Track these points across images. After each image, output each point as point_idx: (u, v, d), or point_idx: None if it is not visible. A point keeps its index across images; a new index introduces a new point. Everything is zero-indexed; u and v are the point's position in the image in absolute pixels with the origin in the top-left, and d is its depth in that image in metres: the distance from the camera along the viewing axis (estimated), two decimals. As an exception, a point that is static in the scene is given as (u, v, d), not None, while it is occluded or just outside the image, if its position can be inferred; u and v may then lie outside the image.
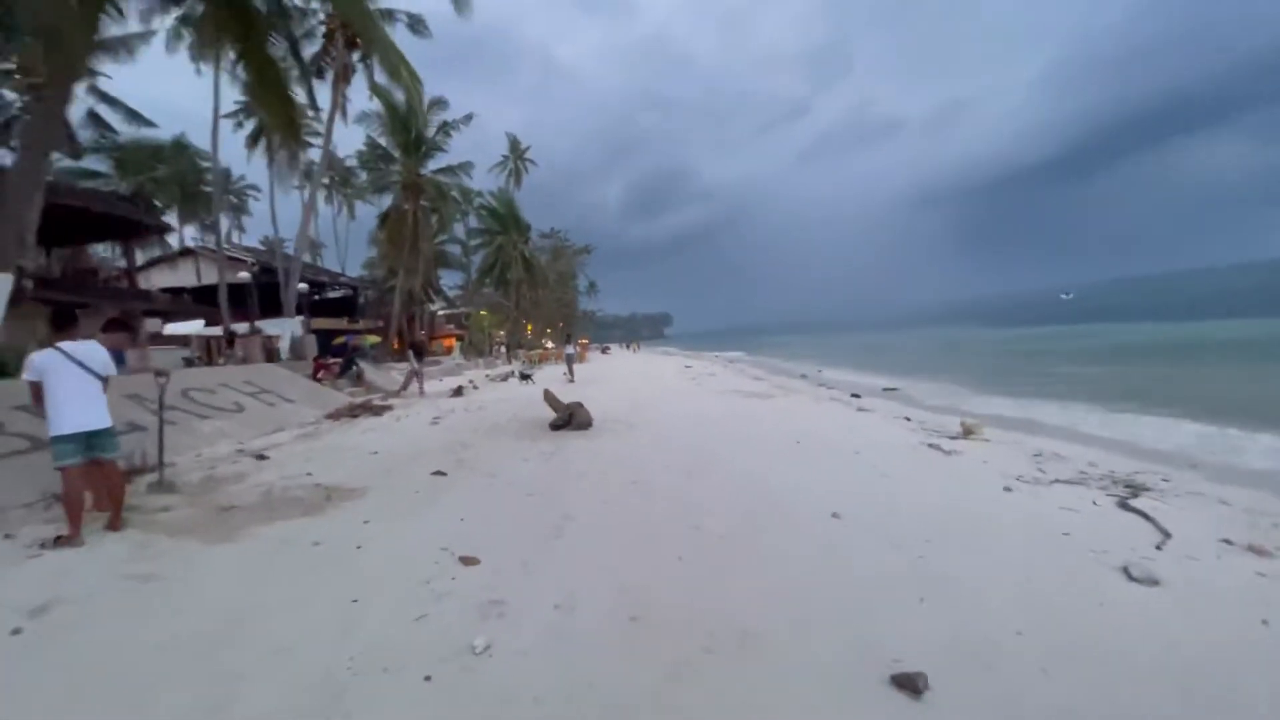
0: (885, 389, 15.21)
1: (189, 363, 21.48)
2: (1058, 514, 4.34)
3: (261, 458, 6.60)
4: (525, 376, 17.92)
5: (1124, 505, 4.48)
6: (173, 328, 25.99)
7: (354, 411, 10.45)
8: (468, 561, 3.52)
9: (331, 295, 39.55)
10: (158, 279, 30.96)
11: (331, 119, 17.27)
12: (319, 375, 12.70)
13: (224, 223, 56.78)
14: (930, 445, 6.99)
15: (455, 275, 47.02)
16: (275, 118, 8.41)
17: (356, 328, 33.98)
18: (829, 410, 10.57)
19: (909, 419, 9.37)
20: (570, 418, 8.60)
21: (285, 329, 15.90)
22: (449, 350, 38.86)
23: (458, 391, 14.68)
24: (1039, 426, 9.05)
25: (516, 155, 50.10)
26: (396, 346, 37.04)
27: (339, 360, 14.93)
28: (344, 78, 16.04)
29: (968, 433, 7.96)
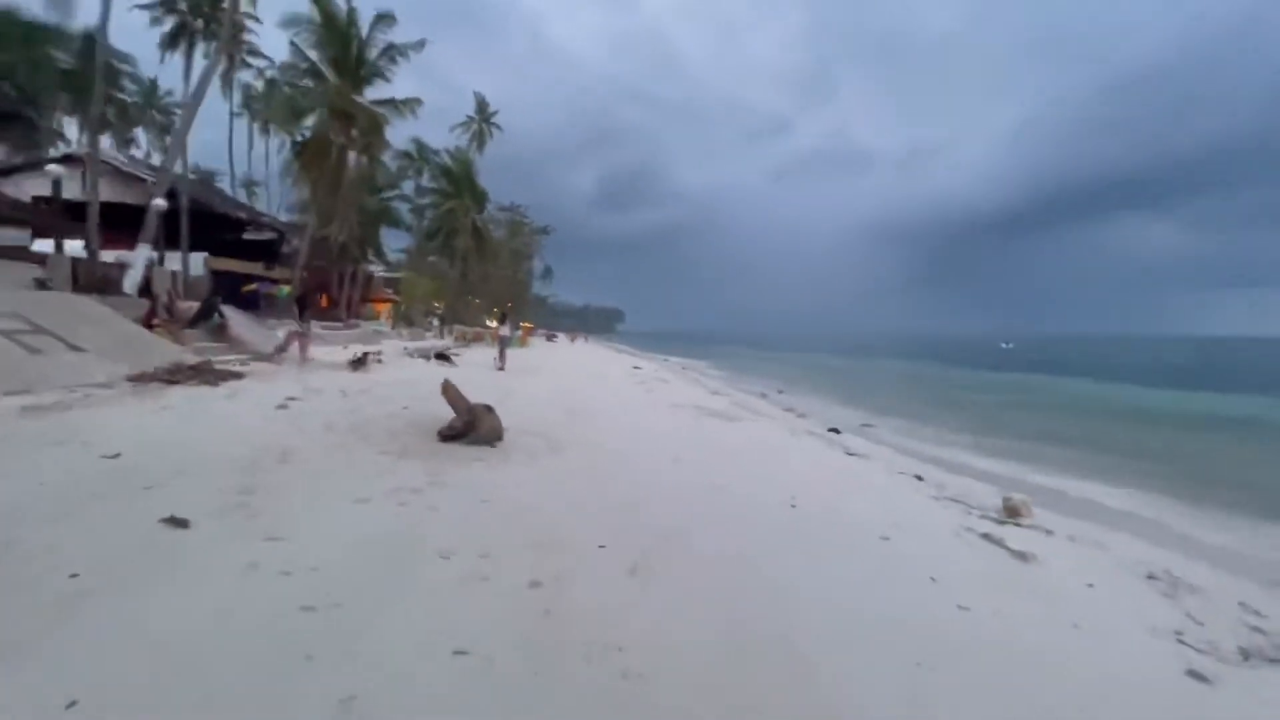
0: (863, 425, 13.22)
1: (41, 285, 17.47)
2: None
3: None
4: (443, 357, 15.04)
5: None
6: (44, 245, 21.72)
7: (176, 375, 7.48)
8: None
9: (251, 237, 35.20)
10: (35, 186, 26.21)
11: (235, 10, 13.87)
12: (154, 321, 9.59)
13: (144, 141, 50.75)
14: (985, 537, 4.78)
15: (404, 238, 42.99)
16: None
17: (272, 275, 30.04)
18: (813, 450, 8.35)
19: (921, 478, 7.22)
20: (470, 425, 6.00)
21: (138, 259, 12.48)
22: (380, 315, 35.15)
23: (358, 363, 11.73)
24: (1097, 510, 7.04)
25: (483, 117, 46.50)
26: (325, 304, 33.13)
27: (198, 303, 11.60)
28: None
29: (1012, 513, 5.85)
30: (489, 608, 2.63)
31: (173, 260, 24.28)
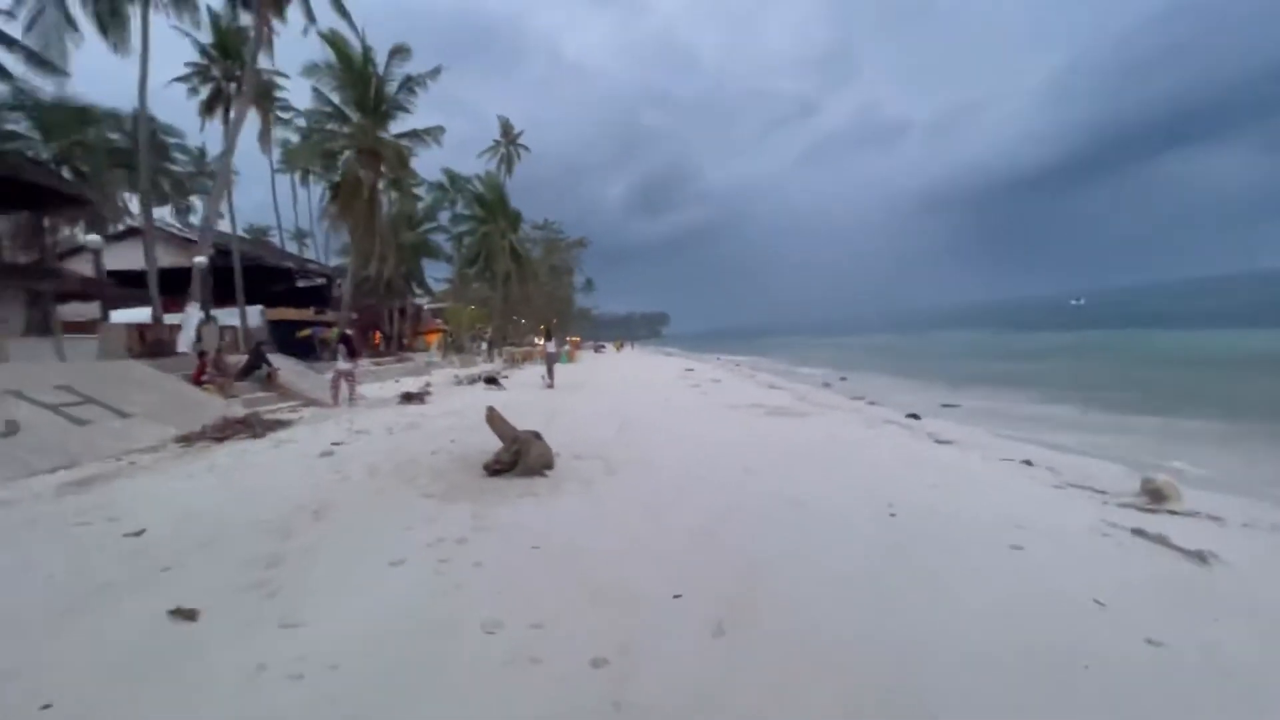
0: (943, 406, 12.14)
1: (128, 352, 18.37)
2: None
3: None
4: (492, 381, 14.81)
5: None
6: (121, 315, 23.01)
7: (224, 431, 7.35)
8: None
9: (303, 284, 36.51)
10: (107, 261, 27.82)
11: (257, 45, 14.09)
12: (203, 377, 9.63)
13: (200, 208, 53.72)
14: (1139, 533, 3.92)
15: (446, 268, 43.73)
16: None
17: (324, 319, 30.96)
18: (897, 442, 7.49)
19: (1030, 463, 6.29)
20: (517, 455, 5.52)
21: (189, 318, 12.76)
22: (431, 345, 35.79)
23: (407, 398, 11.58)
24: (1251, 481, 5.93)
25: (509, 140, 46.98)
26: (377, 340, 33.94)
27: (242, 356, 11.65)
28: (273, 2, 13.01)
29: (1156, 498, 4.91)
30: (543, 703, 2.07)
31: (231, 315, 25.29)
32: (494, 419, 6.13)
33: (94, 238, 13.75)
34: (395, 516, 4.18)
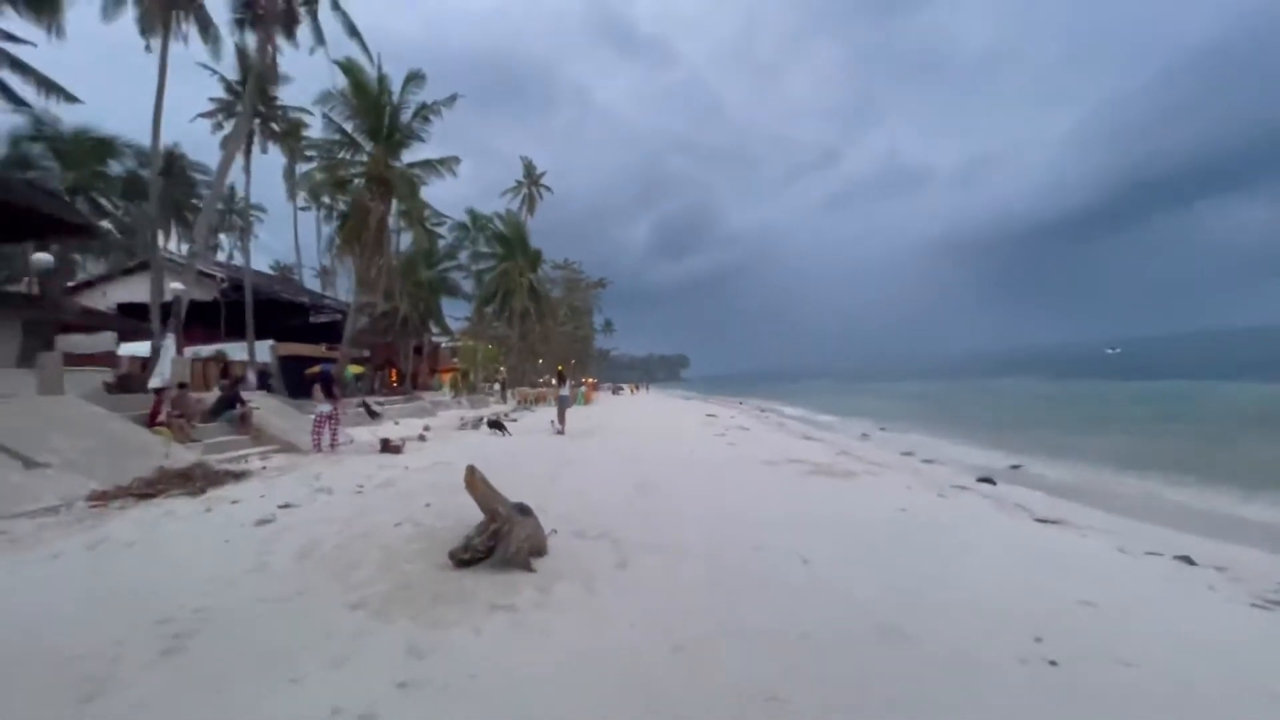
0: (1013, 466, 10.44)
1: (109, 388, 17.43)
2: None
3: None
4: (496, 425, 13.42)
5: None
6: (129, 348, 22.41)
7: (155, 486, 6.05)
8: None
9: (324, 320, 36.02)
10: (119, 293, 27.53)
11: (260, 62, 13.44)
12: (158, 419, 8.43)
13: (225, 244, 54.23)
14: None
15: (466, 307, 43.10)
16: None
17: (333, 355, 30.17)
18: (986, 518, 5.89)
19: (1190, 560, 4.67)
20: (496, 539, 4.09)
21: (165, 351, 11.69)
22: (445, 384, 34.74)
23: (385, 446, 10.19)
24: None
25: (532, 180, 47.00)
26: (394, 380, 32.97)
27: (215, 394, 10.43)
28: (275, 18, 12.40)
29: None
30: None
31: (240, 350, 24.62)
32: (474, 484, 4.70)
33: (42, 256, 12.88)
34: (291, 649, 2.75)
